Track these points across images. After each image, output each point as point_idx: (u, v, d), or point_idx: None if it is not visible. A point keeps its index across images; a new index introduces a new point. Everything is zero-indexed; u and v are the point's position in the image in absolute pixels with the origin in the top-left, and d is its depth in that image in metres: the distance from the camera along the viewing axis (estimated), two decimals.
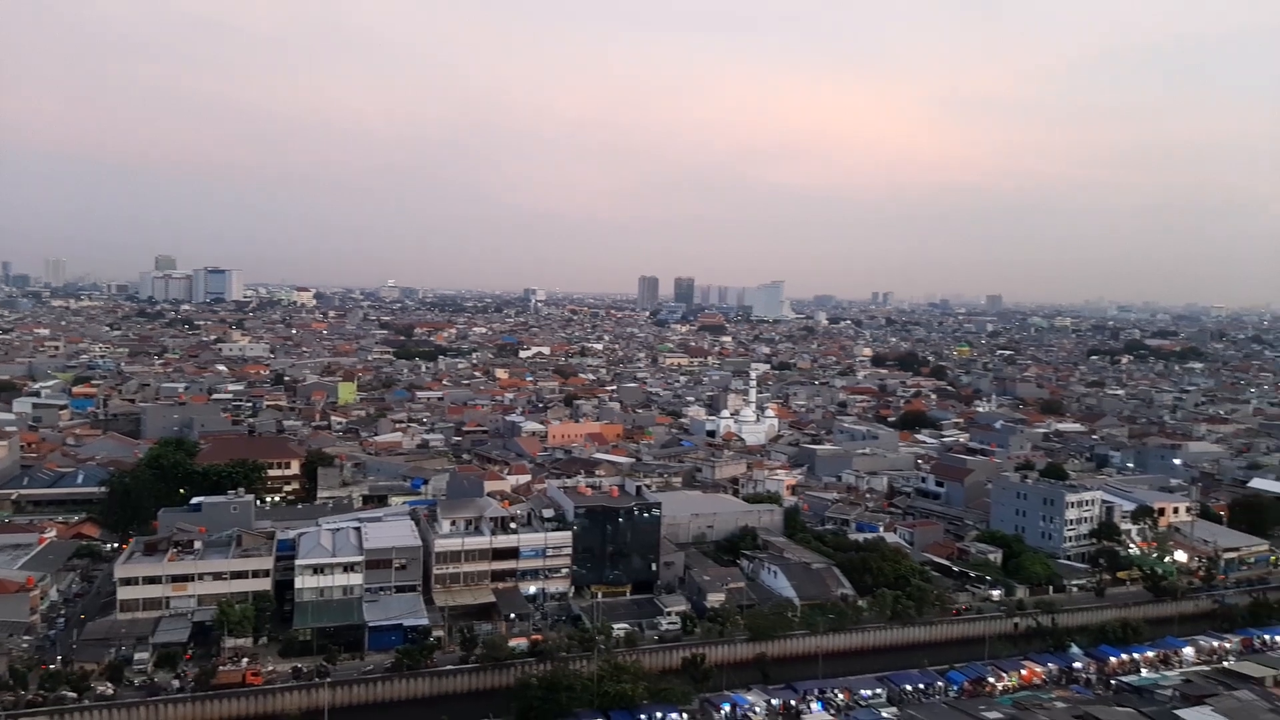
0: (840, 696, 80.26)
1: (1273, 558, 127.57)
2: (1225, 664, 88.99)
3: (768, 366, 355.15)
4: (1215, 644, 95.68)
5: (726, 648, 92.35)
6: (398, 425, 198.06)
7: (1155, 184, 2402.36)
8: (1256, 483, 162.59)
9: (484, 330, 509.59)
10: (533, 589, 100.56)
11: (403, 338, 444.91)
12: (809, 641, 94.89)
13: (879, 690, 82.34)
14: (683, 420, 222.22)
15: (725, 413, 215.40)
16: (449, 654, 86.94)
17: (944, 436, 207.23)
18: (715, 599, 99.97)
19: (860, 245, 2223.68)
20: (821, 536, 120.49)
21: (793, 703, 78.78)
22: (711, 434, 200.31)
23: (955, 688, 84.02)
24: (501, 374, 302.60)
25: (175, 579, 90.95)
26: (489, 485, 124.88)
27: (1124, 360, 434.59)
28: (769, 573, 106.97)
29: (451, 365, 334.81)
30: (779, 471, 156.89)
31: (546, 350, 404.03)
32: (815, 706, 78.56)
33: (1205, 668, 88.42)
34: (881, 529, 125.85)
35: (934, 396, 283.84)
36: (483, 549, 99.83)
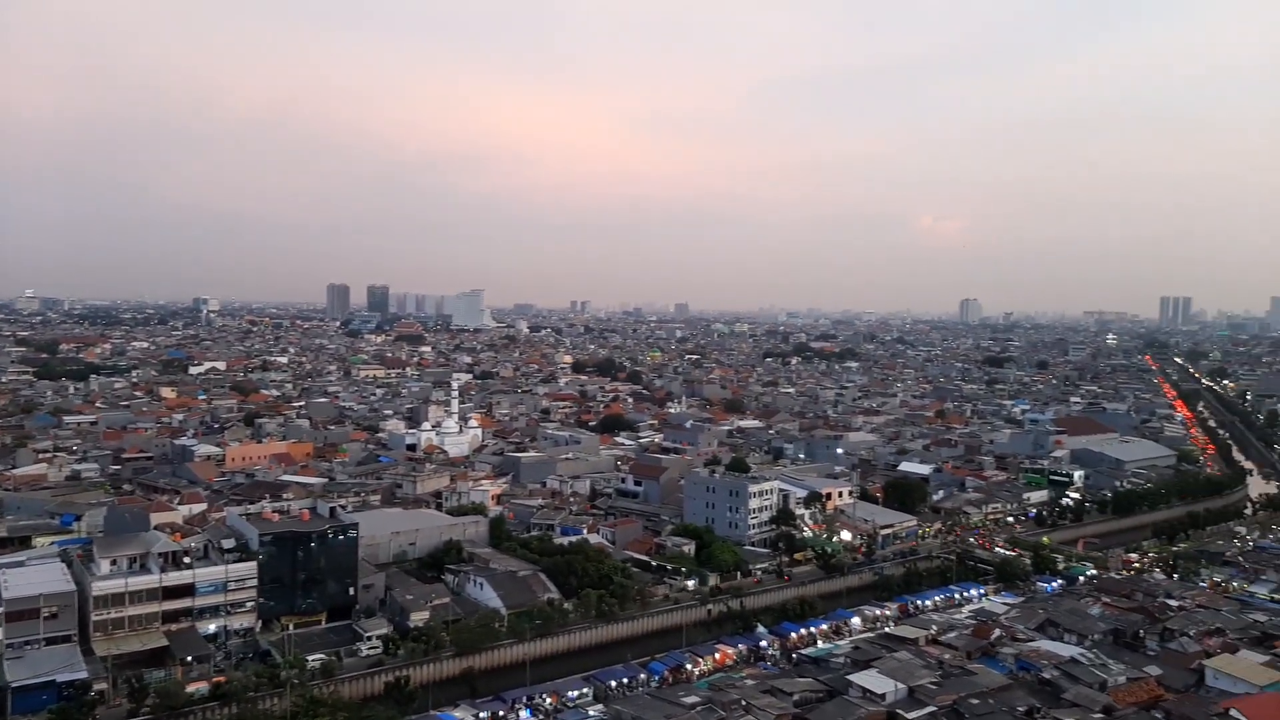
0: (548, 700, 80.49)
1: (920, 531, 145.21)
2: (887, 629, 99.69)
3: (470, 376, 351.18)
4: (877, 612, 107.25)
5: (432, 666, 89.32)
6: (41, 456, 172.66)
7: (817, 200, 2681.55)
8: (904, 466, 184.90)
9: (146, 345, 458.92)
10: (213, 627, 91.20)
11: (45, 355, 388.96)
12: (517, 649, 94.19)
13: (586, 689, 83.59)
14: (380, 435, 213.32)
15: (426, 425, 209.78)
16: (115, 708, 76.71)
17: (641, 438, 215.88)
18: (419, 617, 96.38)
19: (559, 254, 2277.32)
20: (528, 543, 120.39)
21: (501, 713, 78.04)
22: (412, 448, 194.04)
23: (657, 677, 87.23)
24: (168, 393, 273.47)
25: None
26: (156, 517, 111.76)
27: (793, 361, 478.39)
28: (474, 585, 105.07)
29: (107, 385, 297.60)
30: (484, 482, 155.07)
31: (222, 365, 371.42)
32: (524, 714, 78.28)
33: (870, 634, 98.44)
34: (585, 531, 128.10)
35: (630, 400, 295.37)
36: (151, 588, 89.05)
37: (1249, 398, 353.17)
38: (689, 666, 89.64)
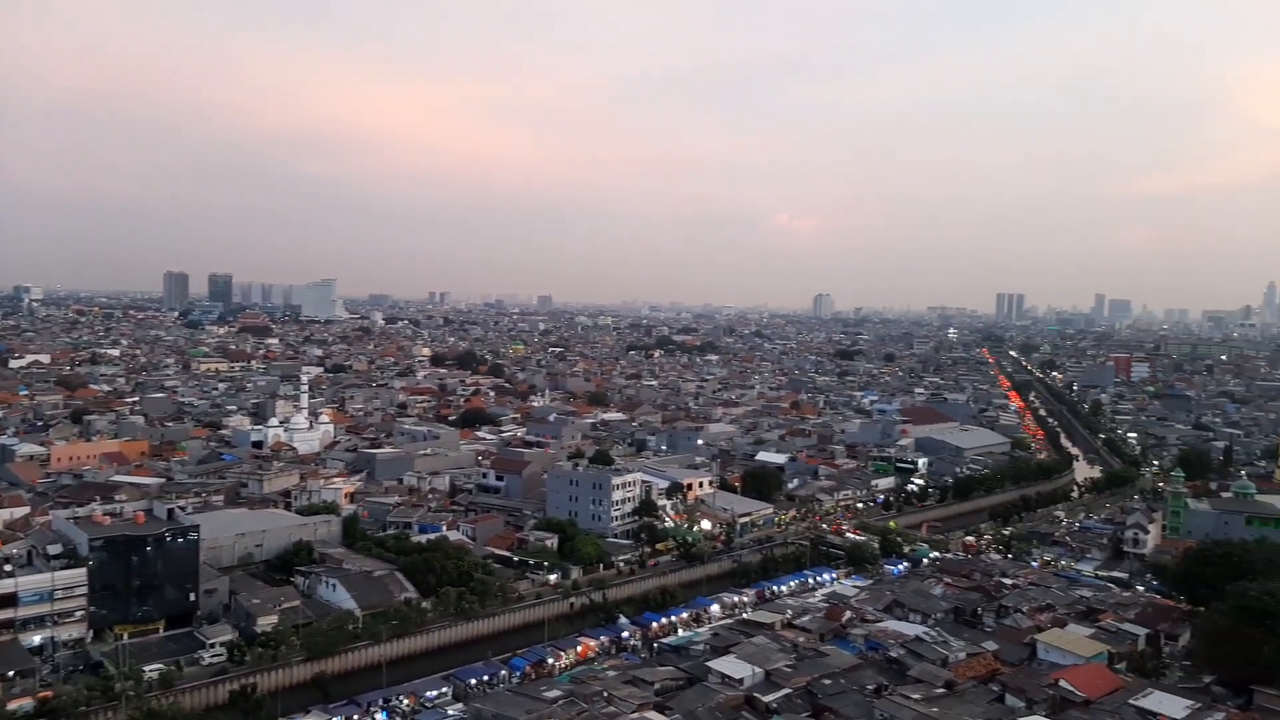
0: (406, 702, 78.51)
1: (776, 518, 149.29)
2: (744, 615, 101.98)
3: (321, 369, 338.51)
4: (736, 599, 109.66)
5: (281, 672, 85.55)
6: None
7: (677, 196, 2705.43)
8: (761, 455, 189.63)
9: None
10: (38, 639, 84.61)
11: None
12: (373, 651, 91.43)
13: (445, 689, 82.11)
14: (223, 431, 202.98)
15: (273, 421, 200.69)
16: None
17: (503, 432, 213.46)
18: (267, 622, 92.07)
19: (416, 244, 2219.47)
20: (383, 542, 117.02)
21: (355, 717, 75.71)
22: (258, 445, 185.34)
23: (518, 673, 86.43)
24: None
25: None
26: None
27: (656, 354, 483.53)
28: (327, 586, 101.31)
29: None
30: (336, 479, 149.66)
31: (46, 358, 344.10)
32: (379, 717, 76.17)
33: (729, 620, 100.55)
34: (444, 528, 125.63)
35: (492, 394, 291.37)
36: None
37: (1075, 388, 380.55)
38: (551, 661, 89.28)
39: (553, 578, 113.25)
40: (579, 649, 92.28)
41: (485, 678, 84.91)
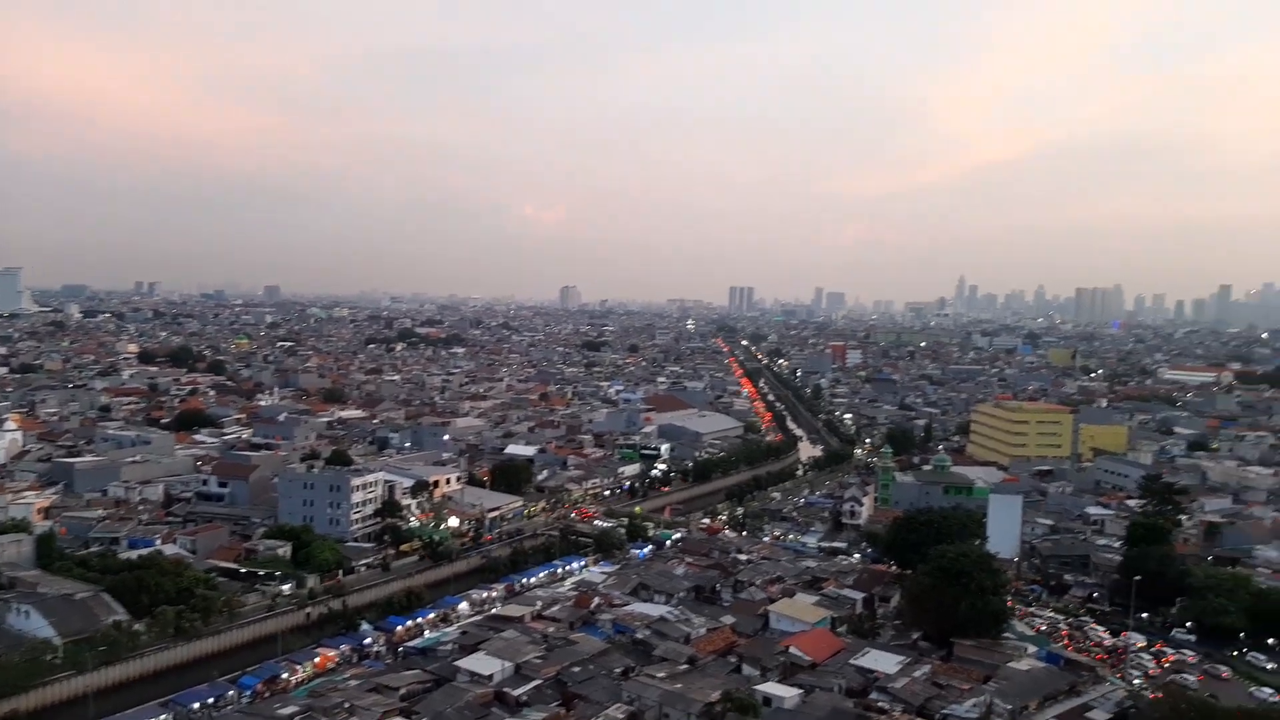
0: None
1: (526, 511, 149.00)
2: (494, 610, 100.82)
3: (4, 370, 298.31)
4: (485, 594, 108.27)
5: None
6: None
7: (418, 183, 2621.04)
8: (511, 448, 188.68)
9: None
10: None
11: None
12: (77, 682, 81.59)
13: (164, 716, 74.96)
14: None
15: None
16: None
17: (226, 434, 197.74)
18: None
19: (120, 229, 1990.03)
20: (86, 561, 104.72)
21: None
22: None
23: (248, 692, 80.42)
24: None
25: None
26: None
27: (398, 348, 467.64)
28: (18, 614, 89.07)
29: None
30: (26, 494, 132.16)
31: None
32: None
33: (479, 617, 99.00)
34: (159, 542, 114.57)
35: (213, 393, 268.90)
36: None
37: (799, 374, 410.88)
38: (285, 675, 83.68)
39: (286, 588, 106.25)
40: (317, 660, 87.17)
41: (210, 700, 78.06)
